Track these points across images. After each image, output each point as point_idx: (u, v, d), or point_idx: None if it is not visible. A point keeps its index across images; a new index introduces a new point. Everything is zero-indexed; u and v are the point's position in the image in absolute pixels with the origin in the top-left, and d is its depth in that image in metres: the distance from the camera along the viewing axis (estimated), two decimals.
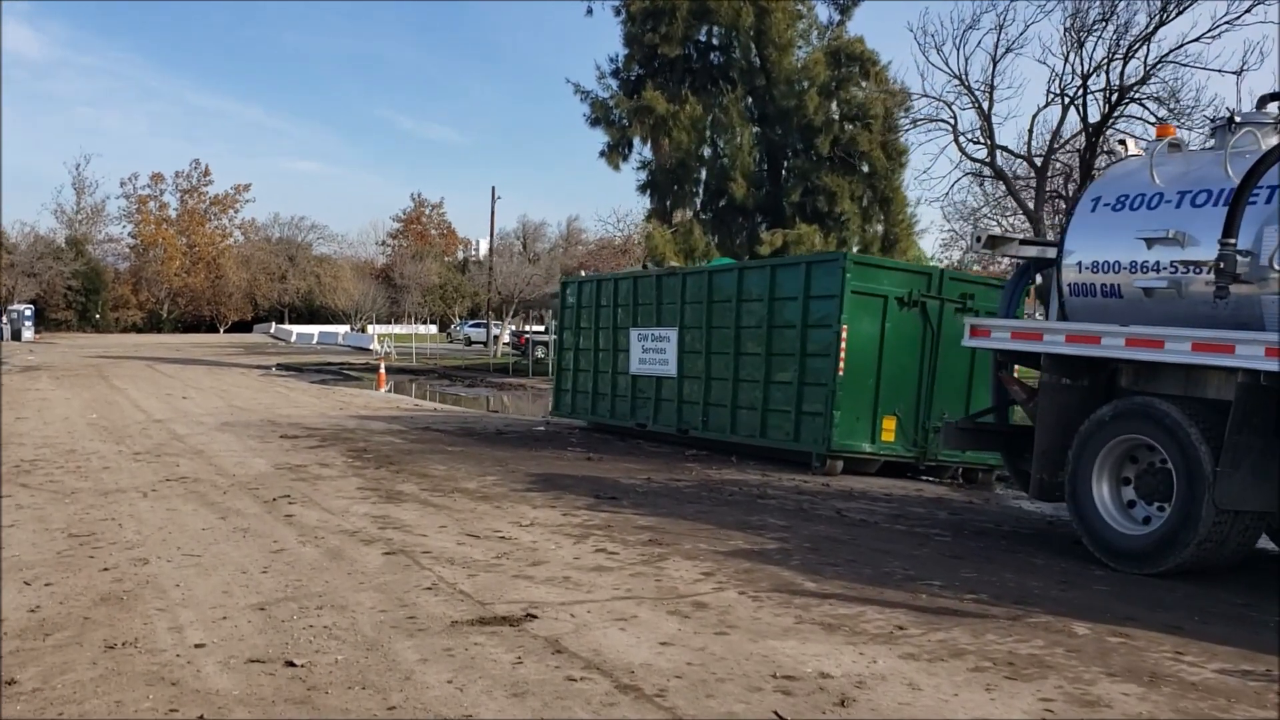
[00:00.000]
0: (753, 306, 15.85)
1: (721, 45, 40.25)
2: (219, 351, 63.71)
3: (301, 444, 17.11)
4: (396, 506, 11.32)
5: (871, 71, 38.02)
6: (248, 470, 14.03)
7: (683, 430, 17.33)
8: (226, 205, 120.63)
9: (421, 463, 14.96)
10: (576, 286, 20.76)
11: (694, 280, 17.32)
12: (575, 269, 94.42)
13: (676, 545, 9.31)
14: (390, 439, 18.07)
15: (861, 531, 10.23)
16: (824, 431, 14.23)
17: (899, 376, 14.60)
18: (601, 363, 19.71)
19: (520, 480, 13.38)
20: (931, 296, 14.74)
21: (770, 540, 9.61)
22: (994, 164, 18.15)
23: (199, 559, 8.73)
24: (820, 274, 14.63)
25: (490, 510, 11.15)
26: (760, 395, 15.52)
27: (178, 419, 21.12)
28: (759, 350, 15.63)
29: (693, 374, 17.19)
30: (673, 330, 17.59)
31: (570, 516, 10.76)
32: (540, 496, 12.08)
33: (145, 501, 11.53)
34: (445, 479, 13.44)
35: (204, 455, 15.53)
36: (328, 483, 13.00)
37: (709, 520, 10.59)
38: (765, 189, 39.30)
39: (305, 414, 22.93)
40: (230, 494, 12.07)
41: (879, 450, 14.54)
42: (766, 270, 15.64)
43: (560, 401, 21.21)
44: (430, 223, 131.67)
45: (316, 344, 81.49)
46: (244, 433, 18.71)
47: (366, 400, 28.09)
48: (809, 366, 14.72)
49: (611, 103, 39.43)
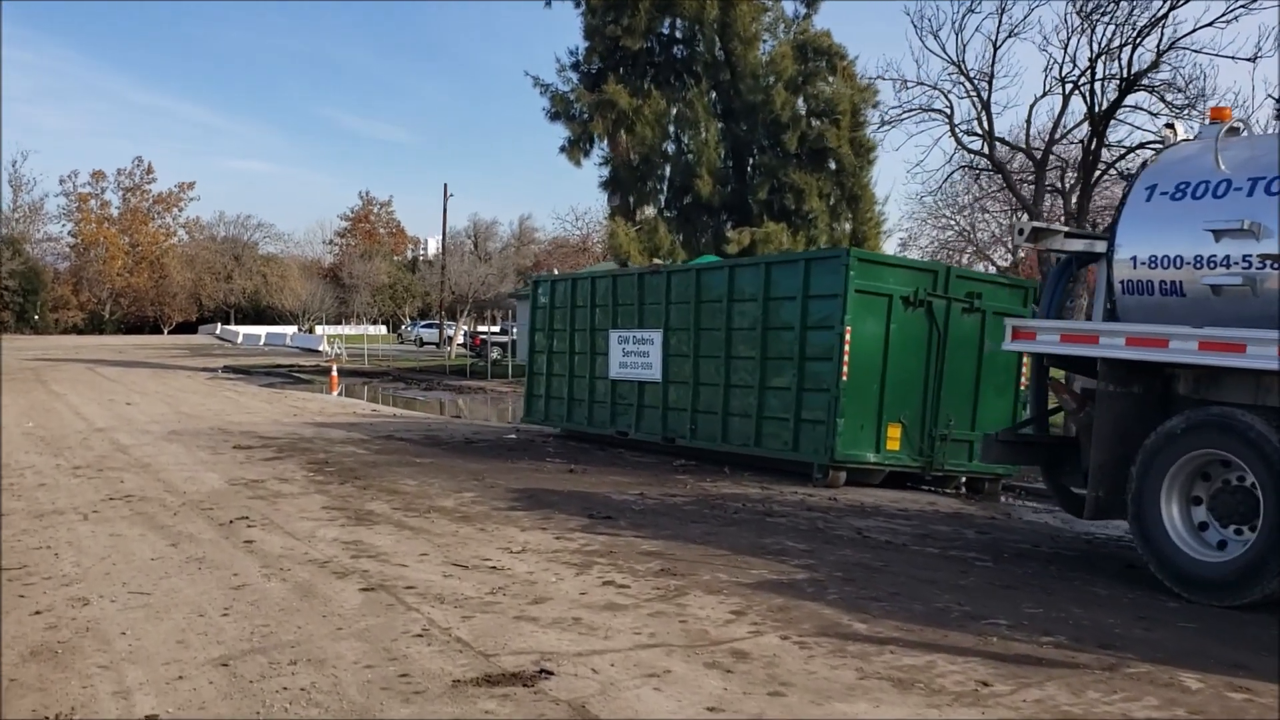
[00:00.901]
0: (746, 307, 14.82)
1: (685, 38, 39.23)
2: (163, 354, 61.83)
3: (256, 455, 15.87)
4: (369, 529, 10.19)
5: (839, 66, 37.17)
6: (200, 486, 12.82)
7: (668, 439, 16.27)
8: (170, 204, 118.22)
9: (389, 477, 13.80)
10: (549, 285, 19.60)
11: (680, 279, 16.26)
12: (530, 268, 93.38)
13: (693, 575, 8.26)
14: (352, 449, 16.87)
15: (893, 556, 9.23)
16: (826, 441, 13.24)
17: (904, 381, 13.64)
18: (578, 367, 18.59)
19: (501, 497, 12.27)
20: (938, 295, 13.79)
21: (796, 568, 8.58)
22: (992, 155, 17.22)
23: (148, 598, 7.60)
24: (821, 272, 13.64)
25: (474, 534, 10.04)
26: (755, 402, 14.50)
27: (121, 427, 19.78)
28: (753, 354, 14.60)
29: (679, 379, 16.13)
30: (657, 332, 16.52)
31: (565, 540, 9.69)
32: (527, 516, 10.99)
33: (86, 525, 10.33)
34: (418, 496, 12.30)
35: (151, 469, 14.28)
36: (289, 501, 11.83)
37: (720, 544, 9.56)
38: (731, 186, 38.35)
39: (258, 421, 21.64)
40: (182, 515, 10.88)
41: (884, 460, 13.57)
42: (761, 268, 14.61)
43: (532, 408, 20.05)
44: (379, 221, 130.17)
45: (264, 345, 79.63)
46: (193, 443, 17.43)
47: (321, 405, 26.79)
48: (809, 371, 13.72)
49: (572, 96, 38.30)
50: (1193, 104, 15.30)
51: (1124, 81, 15.25)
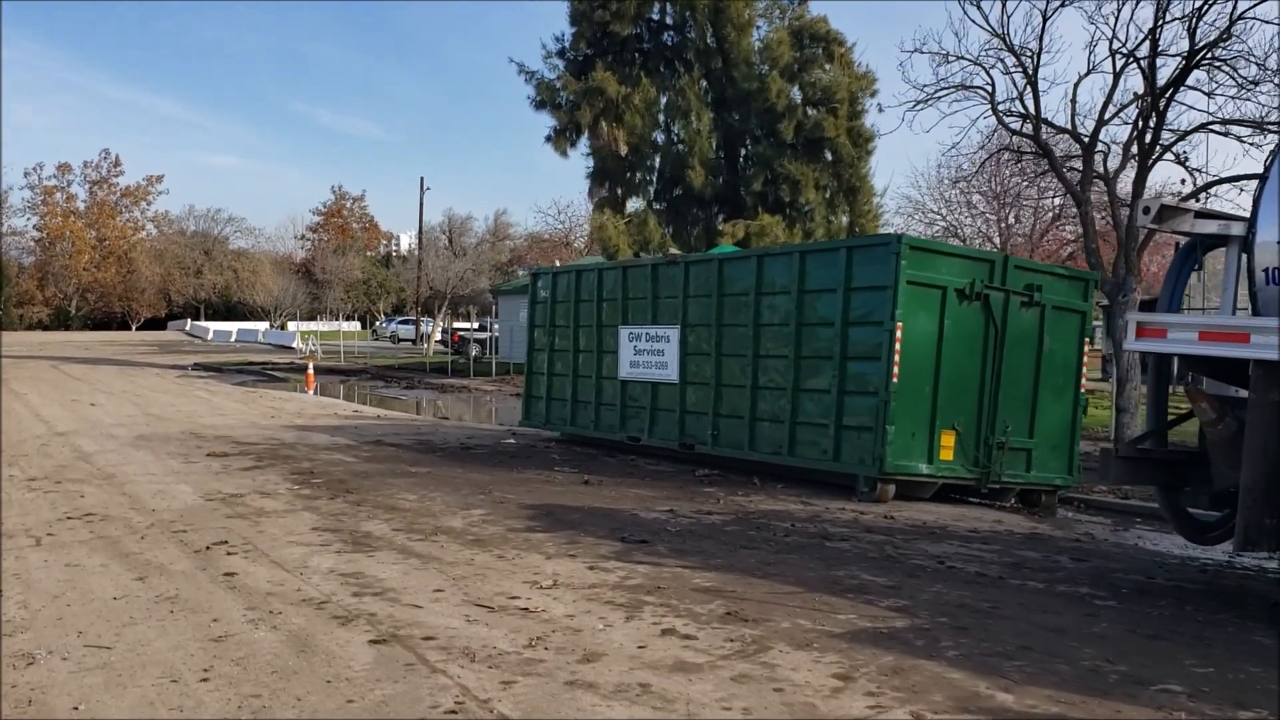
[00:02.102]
0: (776, 301, 13.42)
1: (676, 24, 37.77)
2: (131, 350, 59.93)
3: (234, 464, 14.37)
4: (369, 557, 8.75)
5: (837, 53, 35.83)
6: (171, 502, 11.33)
7: (686, 445, 14.83)
8: (138, 197, 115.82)
9: (384, 489, 12.34)
10: (550, 279, 18.10)
11: (700, 271, 14.81)
12: (507, 264, 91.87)
13: (768, 621, 6.86)
14: (339, 456, 15.38)
15: (995, 594, 7.85)
16: (875, 450, 11.84)
17: (959, 383, 12.27)
18: (582, 366, 17.13)
19: (515, 515, 10.84)
20: (995, 288, 12.42)
21: (890, 612, 7.19)
22: (1038, 137, 15.86)
23: (109, 654, 6.18)
24: (866, 261, 12.24)
25: (492, 562, 8.62)
26: (787, 406, 13.10)
27: (85, 431, 18.21)
28: (785, 352, 13.20)
29: (699, 380, 14.70)
30: (673, 329, 15.09)
31: (601, 571, 8.28)
32: (550, 540, 9.56)
33: (38, 553, 8.85)
34: (421, 513, 10.85)
35: (115, 481, 12.77)
36: (273, 520, 10.36)
37: (785, 577, 8.16)
38: (723, 177, 36.95)
39: (233, 424, 20.09)
40: (150, 539, 9.41)
41: (937, 472, 12.19)
42: (794, 258, 13.18)
43: (531, 410, 18.55)
44: (352, 216, 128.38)
45: (235, 342, 77.96)
46: (163, 449, 15.90)
47: (299, 406, 25.22)
48: (851, 372, 12.33)
49: (559, 84, 36.74)
50: (1261, 80, 13.99)
51: (1190, 54, 13.93)
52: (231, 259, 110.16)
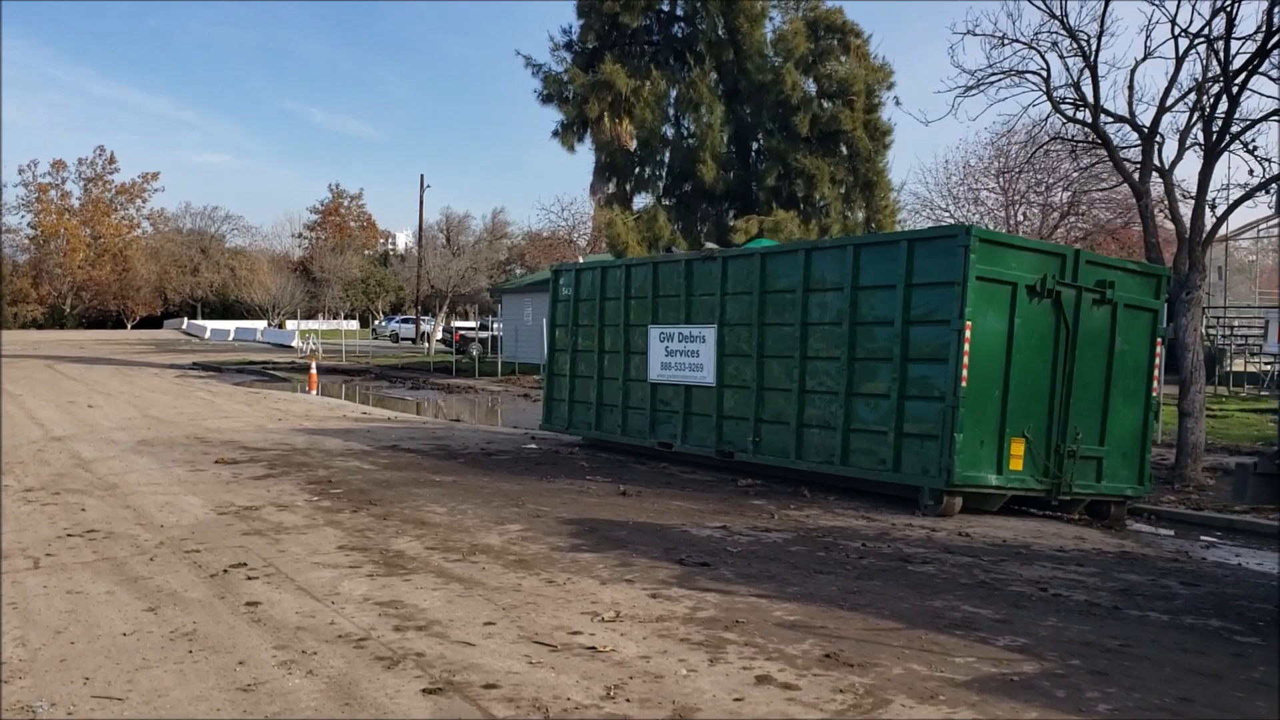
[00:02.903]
0: (827, 298, 12.51)
1: (686, 15, 36.90)
2: (128, 349, 58.96)
3: (244, 472, 13.48)
4: (405, 582, 7.88)
5: (852, 45, 34.97)
6: (180, 517, 10.45)
7: (724, 453, 13.92)
8: (134, 194, 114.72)
9: (410, 500, 11.46)
10: (573, 275, 17.16)
11: (740, 266, 13.89)
12: (504, 262, 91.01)
13: (876, 666, 5.99)
14: (356, 463, 14.48)
15: (1120, 629, 6.95)
16: (942, 460, 10.95)
17: (1028, 387, 11.37)
18: (608, 367, 16.22)
19: (555, 530, 9.96)
20: (1067, 284, 11.53)
21: (1012, 653, 6.30)
22: (1097, 125, 14.96)
23: (121, 706, 5.40)
24: (929, 255, 11.34)
25: (542, 588, 7.74)
26: (840, 411, 12.19)
27: (83, 435, 17.31)
28: (837, 354, 12.30)
29: (738, 383, 13.79)
30: (709, 328, 14.18)
31: (665, 601, 7.40)
32: (599, 560, 8.68)
33: (37, 577, 7.99)
34: (453, 529, 9.97)
35: (118, 492, 11.89)
36: (294, 538, 9.48)
37: (876, 608, 7.27)
38: (734, 172, 36.05)
39: (239, 427, 19.19)
40: (160, 560, 8.54)
41: (1006, 483, 11.29)
42: (847, 251, 12.28)
43: (552, 413, 17.62)
44: (349, 214, 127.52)
45: (233, 341, 77.08)
46: (167, 455, 15.01)
47: (306, 407, 24.31)
48: (913, 375, 11.43)
49: (566, 78, 35.85)
50: None
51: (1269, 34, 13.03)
52: (229, 257, 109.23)
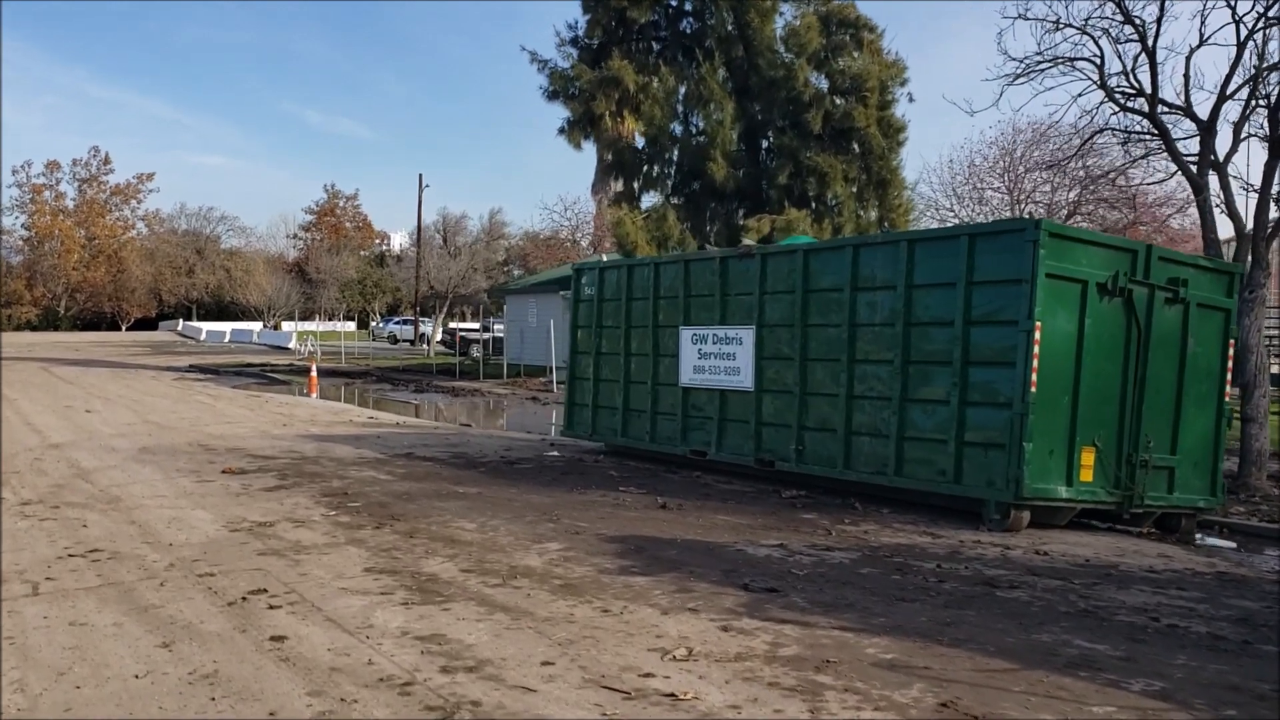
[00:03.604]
0: (877, 297, 11.72)
1: (695, 10, 36.12)
2: (123, 351, 58.11)
3: (254, 483, 12.68)
4: (444, 611, 7.09)
5: (866, 40, 34.19)
6: (189, 534, 9.64)
7: (764, 461, 13.11)
8: (129, 195, 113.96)
9: (435, 515, 10.65)
10: (597, 274, 16.34)
11: (781, 264, 13.08)
12: (501, 263, 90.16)
13: (1002, 718, 5.19)
14: (371, 473, 13.67)
15: (1264, 669, 6.16)
16: (1010, 471, 10.15)
17: (1099, 392, 10.59)
18: (635, 371, 15.40)
19: (599, 549, 9.15)
20: (1139, 282, 10.76)
21: (1155, 700, 5.50)
22: (1154, 117, 14.18)
23: None
24: (994, 250, 10.54)
25: (597, 618, 6.95)
26: (893, 419, 11.39)
27: (81, 443, 16.49)
28: (889, 356, 11.51)
29: (778, 387, 12.99)
30: (746, 330, 13.39)
31: (740, 635, 6.60)
32: (654, 585, 7.88)
33: (36, 605, 7.20)
34: (487, 548, 9.17)
35: (122, 505, 11.09)
36: (315, 559, 8.68)
37: (980, 644, 6.47)
38: (744, 170, 35.24)
39: (243, 433, 18.37)
40: (171, 586, 7.74)
41: (1077, 495, 10.49)
42: (900, 247, 11.48)
43: (574, 418, 16.79)
44: (345, 215, 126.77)
45: (229, 342, 76.25)
46: (170, 464, 14.21)
47: (310, 412, 23.49)
48: (975, 379, 10.64)
49: (573, 74, 35.03)
50: None
51: None
52: (224, 258, 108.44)
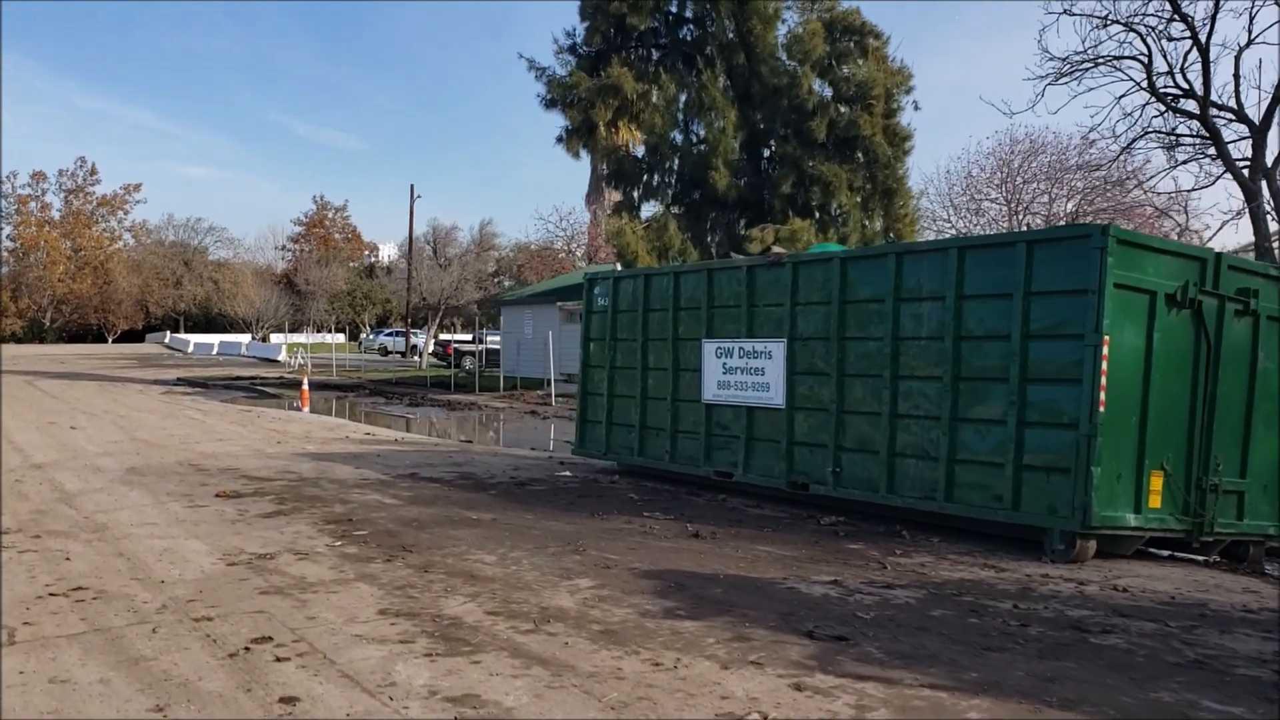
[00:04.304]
0: (923, 308, 10.92)
1: (695, 17, 35.40)
2: (110, 364, 57.09)
3: (251, 508, 11.81)
4: (474, 664, 6.25)
5: (870, 47, 33.53)
6: (183, 569, 8.78)
7: (797, 484, 12.29)
8: (115, 206, 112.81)
9: (449, 545, 9.80)
10: (610, 284, 15.51)
11: (815, 273, 12.26)
12: (492, 275, 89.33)
13: None
14: (375, 496, 12.81)
15: None
16: (1076, 498, 9.35)
17: (1167, 411, 9.80)
18: (653, 386, 14.58)
19: (634, 587, 8.32)
20: (1208, 293, 9.99)
21: None
22: (1206, 119, 13.46)
23: None
24: (1056, 258, 9.75)
25: (648, 673, 6.12)
26: (942, 439, 10.59)
27: (65, 462, 15.61)
28: (937, 372, 10.71)
29: (812, 404, 12.18)
30: (777, 343, 12.58)
31: (817, 696, 5.78)
32: (704, 630, 7.05)
33: (13, 657, 6.40)
34: (511, 584, 8.33)
35: (108, 534, 10.22)
36: (324, 598, 7.83)
37: (1095, 706, 5.64)
38: (746, 179, 34.51)
39: (236, 451, 17.49)
40: (165, 633, 6.88)
41: (1145, 523, 9.69)
42: (949, 255, 10.68)
43: (586, 436, 15.94)
44: (334, 226, 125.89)
45: (217, 355, 75.30)
46: (161, 487, 13.34)
47: (304, 428, 22.60)
48: (1035, 398, 9.84)
49: (571, 81, 34.26)
50: None
51: None
52: (212, 270, 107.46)
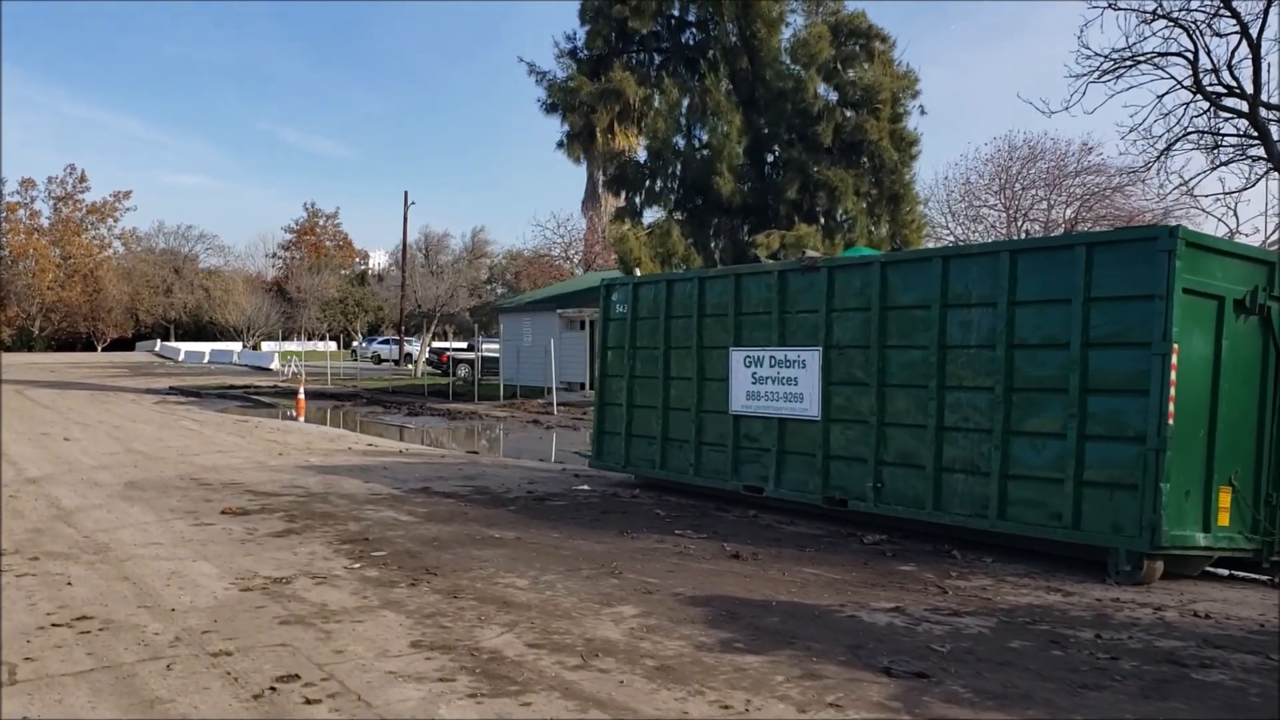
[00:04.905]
0: (972, 315, 10.36)
1: (698, 21, 34.89)
2: (101, 373, 56.31)
3: (260, 526, 11.21)
4: (524, 707, 5.70)
5: (876, 51, 33.05)
6: (194, 595, 8.18)
7: (834, 500, 11.71)
8: (105, 214, 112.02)
9: (475, 567, 9.21)
10: (629, 290, 14.92)
11: (850, 277, 11.68)
12: (485, 282, 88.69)
13: None
14: (389, 513, 12.21)
15: None
16: (1144, 516, 8.79)
17: (1235, 424, 9.28)
18: (676, 396, 13.99)
19: (682, 614, 7.74)
20: (1277, 298, 9.46)
21: None
22: (1255, 116, 12.96)
23: None
24: (1118, 261, 9.20)
25: (717, 716, 5.56)
26: (994, 453, 10.02)
27: (61, 476, 14.98)
28: (989, 383, 10.14)
29: (851, 416, 11.59)
30: (811, 351, 12.01)
31: None
32: (769, 665, 6.47)
33: (14, 699, 5.89)
34: (549, 612, 7.73)
35: (111, 556, 9.61)
36: (349, 628, 7.23)
37: None
38: (750, 185, 33.99)
39: (237, 463, 16.87)
40: (180, 670, 6.29)
41: (1215, 542, 9.15)
42: (1000, 258, 10.12)
43: (604, 448, 15.33)
44: (325, 233, 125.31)
45: (209, 363, 74.53)
46: (163, 503, 12.73)
47: (304, 439, 21.97)
48: (1097, 410, 9.28)
49: (572, 85, 33.74)
50: None
51: None
52: (203, 277, 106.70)
